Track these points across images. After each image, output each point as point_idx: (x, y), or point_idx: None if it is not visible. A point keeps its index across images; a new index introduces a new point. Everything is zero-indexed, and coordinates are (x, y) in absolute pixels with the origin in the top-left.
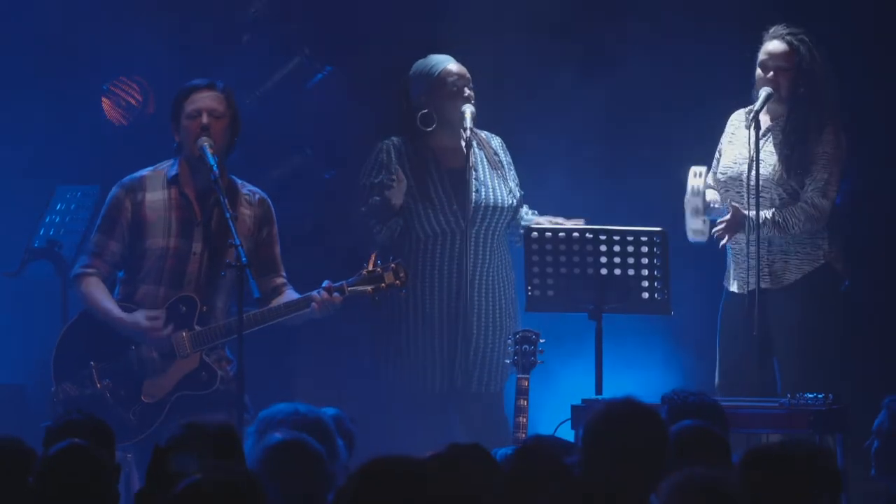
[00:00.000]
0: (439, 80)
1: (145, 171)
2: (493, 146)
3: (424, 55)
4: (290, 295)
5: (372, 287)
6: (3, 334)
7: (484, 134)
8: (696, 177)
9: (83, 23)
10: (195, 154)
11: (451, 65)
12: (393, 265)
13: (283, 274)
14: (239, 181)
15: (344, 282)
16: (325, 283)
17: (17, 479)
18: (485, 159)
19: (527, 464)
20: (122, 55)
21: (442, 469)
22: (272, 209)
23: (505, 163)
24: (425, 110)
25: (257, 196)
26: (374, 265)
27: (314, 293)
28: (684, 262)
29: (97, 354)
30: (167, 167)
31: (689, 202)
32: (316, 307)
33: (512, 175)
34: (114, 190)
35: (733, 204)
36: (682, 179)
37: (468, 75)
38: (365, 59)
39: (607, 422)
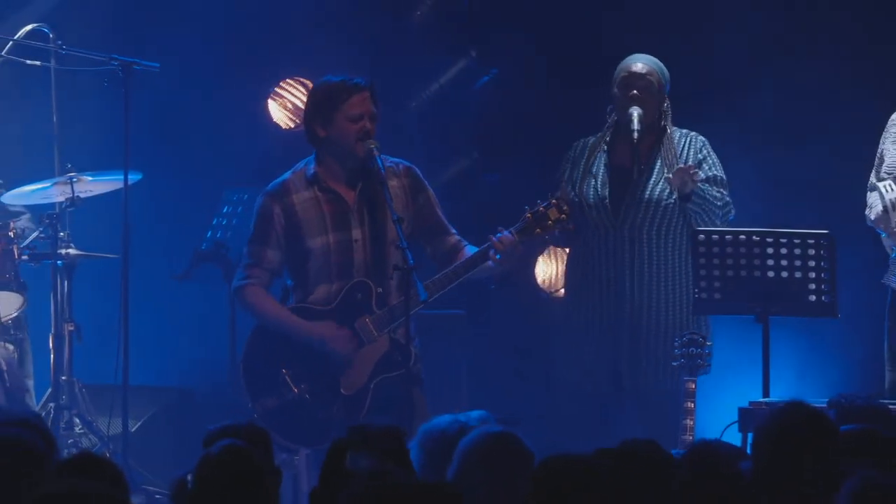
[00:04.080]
0: (618, 78)
1: (286, 176)
2: (681, 144)
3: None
4: (468, 251)
5: (539, 228)
6: (172, 338)
7: (679, 133)
8: (890, 191)
9: (250, 24)
10: (357, 154)
11: (636, 63)
12: (554, 201)
13: (454, 231)
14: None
15: (512, 228)
16: (499, 229)
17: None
18: (659, 158)
19: (698, 468)
20: (289, 57)
21: (617, 466)
22: (419, 174)
23: (687, 158)
24: (612, 106)
25: (401, 166)
26: (535, 206)
27: (490, 242)
28: (852, 262)
29: (286, 361)
30: (304, 167)
31: (891, 218)
32: (495, 259)
33: (698, 168)
34: (260, 199)
35: None
36: (848, 180)
37: (648, 76)
38: (531, 61)
39: (778, 426)
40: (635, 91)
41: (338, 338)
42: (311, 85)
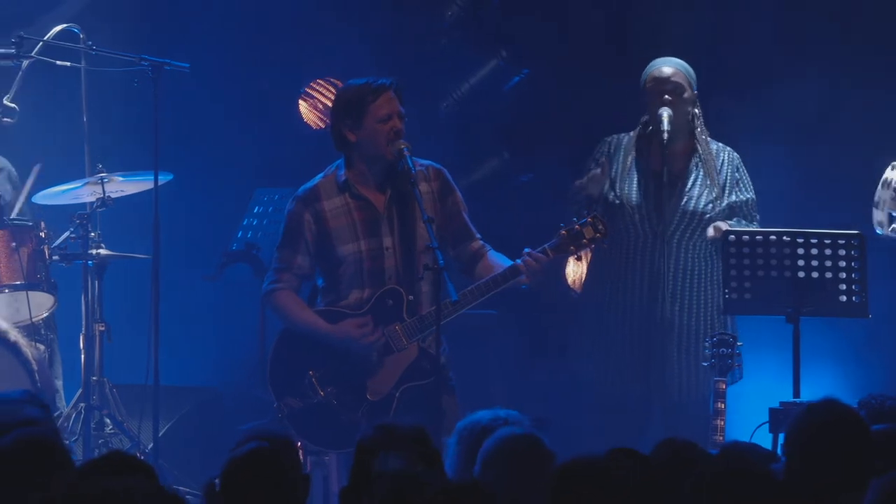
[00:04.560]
0: (645, 83)
1: (317, 180)
2: (720, 158)
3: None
4: (492, 258)
5: (574, 245)
6: (203, 338)
7: (715, 146)
8: (893, 170)
9: (281, 25)
10: (388, 157)
11: (662, 67)
12: (590, 219)
13: (479, 236)
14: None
15: (546, 245)
16: (527, 250)
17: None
18: (700, 167)
19: (728, 469)
20: (319, 57)
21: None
22: (449, 177)
23: (727, 175)
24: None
25: (431, 169)
26: (571, 223)
27: (519, 262)
28: (884, 263)
29: (313, 363)
30: (334, 172)
31: (879, 193)
32: (525, 279)
33: (736, 189)
34: (290, 205)
35: None
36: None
37: (674, 79)
38: (562, 61)
39: (811, 425)
40: (666, 96)
41: (364, 335)
42: (341, 85)
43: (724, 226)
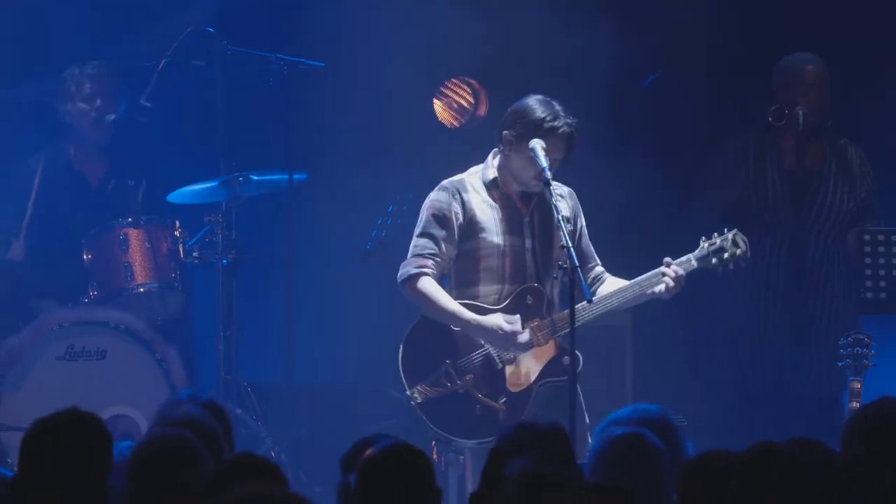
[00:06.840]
0: (796, 76)
1: (462, 175)
2: (849, 152)
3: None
4: (613, 281)
5: (716, 259)
6: (335, 336)
7: (843, 140)
8: None
9: (416, 22)
10: (528, 189)
11: (811, 65)
12: (730, 235)
13: (599, 262)
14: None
15: (691, 255)
16: (667, 260)
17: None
18: (834, 164)
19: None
20: (454, 55)
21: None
22: (578, 201)
23: (856, 168)
24: (777, 105)
25: (566, 189)
26: (712, 237)
27: (662, 270)
28: None
29: (450, 352)
30: (481, 169)
31: None
32: (664, 290)
33: (865, 184)
34: (435, 193)
35: None
36: None
37: (826, 78)
38: (695, 59)
39: (864, 422)
40: (814, 93)
41: (514, 330)
42: (475, 85)
43: None
